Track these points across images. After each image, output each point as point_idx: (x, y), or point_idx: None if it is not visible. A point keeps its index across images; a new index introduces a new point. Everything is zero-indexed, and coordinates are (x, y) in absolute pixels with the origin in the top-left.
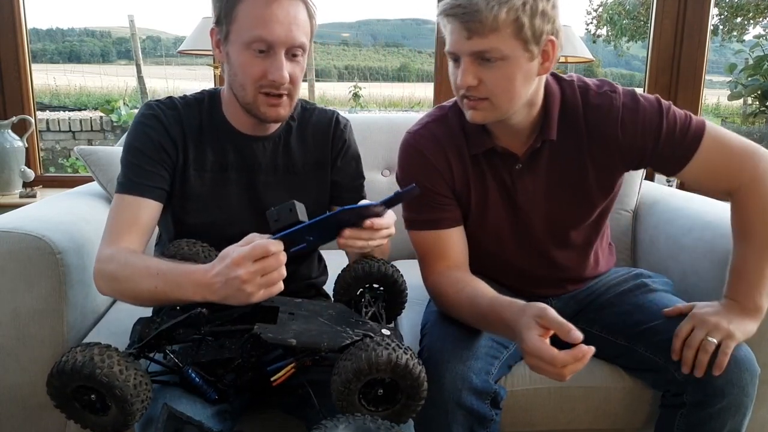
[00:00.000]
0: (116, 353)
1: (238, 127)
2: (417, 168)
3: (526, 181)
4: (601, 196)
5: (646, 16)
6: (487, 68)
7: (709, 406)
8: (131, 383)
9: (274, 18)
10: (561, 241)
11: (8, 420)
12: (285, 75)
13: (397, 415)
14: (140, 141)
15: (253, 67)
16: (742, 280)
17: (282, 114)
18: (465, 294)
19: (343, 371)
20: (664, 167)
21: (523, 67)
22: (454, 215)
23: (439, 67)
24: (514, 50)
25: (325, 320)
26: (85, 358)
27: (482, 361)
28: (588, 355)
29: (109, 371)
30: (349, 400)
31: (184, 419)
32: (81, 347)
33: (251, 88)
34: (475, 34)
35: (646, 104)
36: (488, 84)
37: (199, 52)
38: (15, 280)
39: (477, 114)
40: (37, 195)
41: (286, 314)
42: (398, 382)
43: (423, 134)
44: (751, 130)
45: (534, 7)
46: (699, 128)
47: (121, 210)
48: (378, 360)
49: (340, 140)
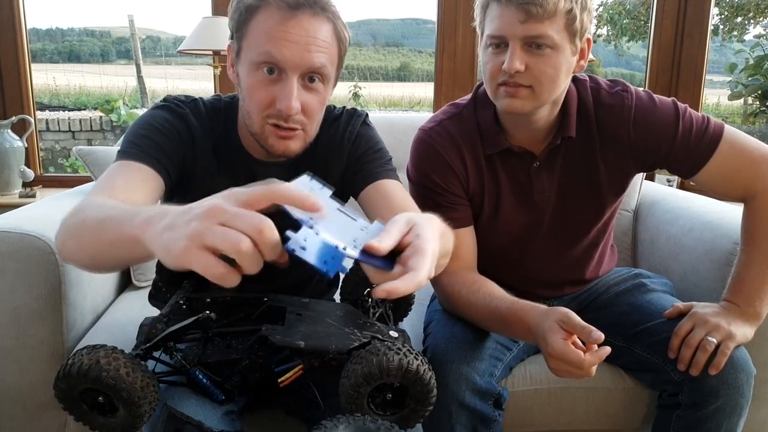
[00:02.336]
0: (122, 355)
1: (251, 151)
2: (431, 165)
3: (543, 179)
4: (612, 196)
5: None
6: (535, 56)
7: (704, 407)
8: (138, 385)
9: (288, 36)
10: (570, 241)
11: (8, 420)
12: (294, 104)
13: (406, 420)
14: (158, 121)
15: (260, 91)
16: (744, 284)
17: (292, 148)
18: (481, 295)
19: (353, 375)
20: (678, 170)
21: (568, 60)
22: (466, 215)
23: (439, 68)
24: (563, 41)
25: (332, 321)
26: (91, 361)
27: (486, 362)
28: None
29: (115, 374)
30: (358, 404)
31: (184, 419)
32: (87, 350)
33: (258, 117)
34: (532, 18)
35: (661, 105)
36: (534, 71)
37: (199, 51)
38: (14, 280)
39: (515, 102)
40: (36, 195)
41: (294, 315)
42: (408, 388)
43: (439, 132)
44: (751, 130)
45: (584, 1)
46: (716, 133)
47: (116, 173)
48: (389, 365)
49: (350, 139)
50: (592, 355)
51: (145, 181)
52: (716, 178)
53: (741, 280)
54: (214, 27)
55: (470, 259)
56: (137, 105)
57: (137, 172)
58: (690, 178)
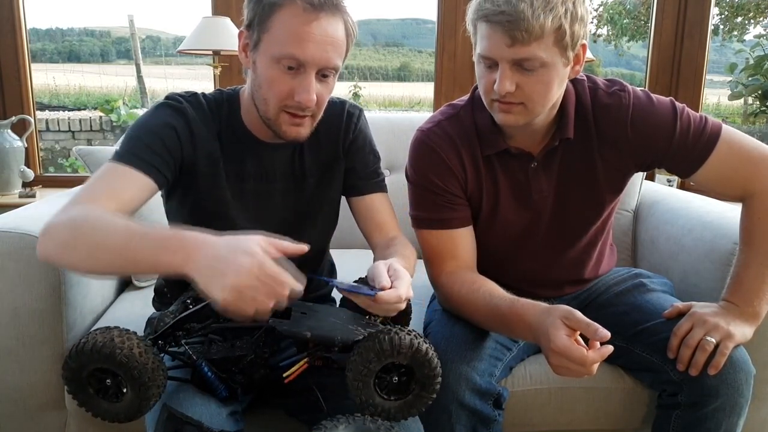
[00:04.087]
0: (135, 336)
1: (256, 134)
2: (430, 166)
3: (541, 180)
4: (610, 195)
5: (647, 15)
6: (525, 75)
7: (703, 407)
8: (149, 366)
9: (311, 37)
10: (568, 240)
11: (8, 420)
12: (313, 98)
13: (409, 406)
14: (156, 123)
15: (281, 84)
16: (742, 284)
17: (303, 134)
18: (481, 294)
19: (364, 351)
20: (676, 169)
21: (560, 73)
22: (465, 214)
23: (439, 67)
24: (554, 57)
25: (337, 320)
26: (105, 339)
27: (486, 362)
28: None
29: (129, 352)
30: (365, 382)
31: (184, 419)
32: (101, 330)
33: (275, 106)
34: (518, 42)
35: (659, 105)
36: (525, 90)
37: (199, 51)
38: (14, 280)
39: (509, 117)
40: (36, 195)
41: (299, 313)
42: (415, 371)
43: (437, 132)
44: (751, 130)
45: (574, 13)
46: (714, 132)
47: (107, 176)
48: (401, 343)
49: (351, 131)
50: (595, 352)
51: (133, 185)
52: (714, 177)
53: (739, 280)
54: (214, 27)
55: (470, 258)
56: (137, 105)
57: (129, 179)
58: (688, 178)
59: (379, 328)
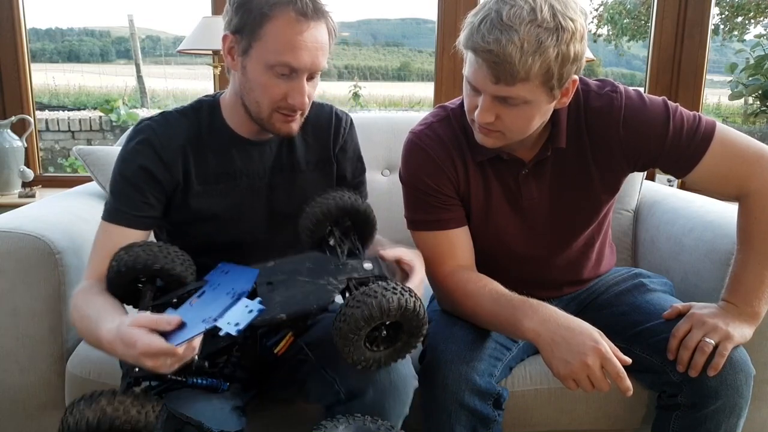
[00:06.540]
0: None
1: (241, 132)
2: (423, 168)
3: (532, 186)
4: (606, 196)
5: (647, 15)
6: (507, 108)
7: (703, 408)
8: (152, 417)
9: (303, 45)
10: (565, 242)
11: (8, 420)
12: (306, 101)
13: (398, 352)
14: (130, 170)
15: (274, 89)
16: (741, 284)
17: (295, 129)
18: (487, 290)
19: (351, 319)
20: (671, 169)
21: (543, 108)
22: (460, 215)
23: (439, 67)
24: (538, 96)
25: (305, 278)
26: (97, 414)
27: (485, 362)
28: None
29: (128, 417)
30: (356, 345)
31: (184, 419)
32: (84, 402)
33: (267, 108)
34: (503, 82)
35: (651, 105)
36: (506, 121)
37: (199, 51)
38: (14, 280)
39: (487, 140)
40: (36, 195)
41: (264, 285)
42: (403, 325)
43: (428, 134)
44: (752, 130)
45: (566, 55)
46: (708, 132)
47: (104, 240)
48: (389, 306)
49: (340, 134)
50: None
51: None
52: (709, 177)
53: (738, 280)
54: (214, 27)
55: (468, 257)
56: (137, 105)
57: (121, 238)
58: (683, 178)
59: (349, 266)
